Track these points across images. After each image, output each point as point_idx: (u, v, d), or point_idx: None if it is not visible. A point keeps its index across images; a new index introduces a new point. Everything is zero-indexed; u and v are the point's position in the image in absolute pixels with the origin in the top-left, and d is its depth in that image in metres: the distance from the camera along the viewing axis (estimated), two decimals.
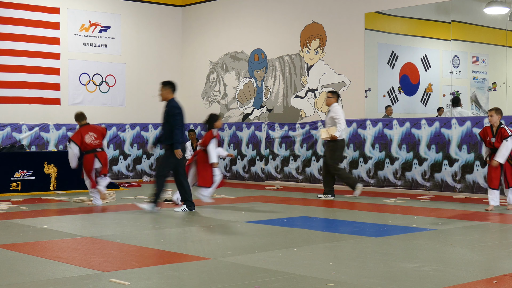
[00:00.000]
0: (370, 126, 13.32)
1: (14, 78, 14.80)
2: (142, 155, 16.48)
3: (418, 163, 12.57)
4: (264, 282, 5.14)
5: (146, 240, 7.25)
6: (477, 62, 13.65)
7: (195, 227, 8.27)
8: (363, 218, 9.03)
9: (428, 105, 13.71)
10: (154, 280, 5.26)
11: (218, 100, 16.76)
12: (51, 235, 7.62)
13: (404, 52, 13.90)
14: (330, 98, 11.89)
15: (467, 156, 11.96)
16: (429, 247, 6.80)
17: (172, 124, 9.71)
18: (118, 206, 10.73)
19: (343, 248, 6.71)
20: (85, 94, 15.87)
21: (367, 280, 5.22)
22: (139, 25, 16.90)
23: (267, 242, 7.09)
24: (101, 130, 11.13)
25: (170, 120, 9.76)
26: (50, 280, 5.25)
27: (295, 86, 14.97)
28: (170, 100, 9.94)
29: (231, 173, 16.04)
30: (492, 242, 7.27)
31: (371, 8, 13.63)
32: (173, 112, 9.78)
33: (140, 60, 16.88)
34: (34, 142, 14.77)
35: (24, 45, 14.92)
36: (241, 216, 9.25)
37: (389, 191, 12.84)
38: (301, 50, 14.85)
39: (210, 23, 16.97)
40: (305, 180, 14.45)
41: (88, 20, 15.96)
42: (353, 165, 13.57)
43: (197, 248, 6.70)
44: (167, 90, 10.01)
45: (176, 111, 9.80)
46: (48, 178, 12.91)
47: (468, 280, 5.22)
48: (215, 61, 16.83)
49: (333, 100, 11.86)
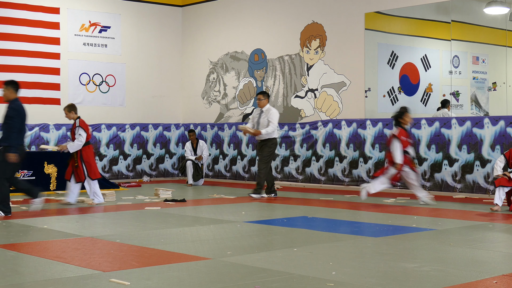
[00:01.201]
0: (370, 126, 13.32)
1: (14, 78, 14.74)
2: (142, 155, 16.48)
3: (418, 163, 12.57)
4: (264, 282, 5.13)
5: (146, 240, 7.25)
6: (477, 62, 13.65)
7: (195, 227, 8.27)
8: (363, 218, 9.03)
9: (428, 105, 13.71)
10: (154, 280, 5.26)
11: (218, 100, 16.76)
12: (51, 235, 7.62)
13: (404, 52, 13.90)
14: (262, 100, 11.96)
15: (467, 156, 11.96)
16: (429, 247, 6.80)
17: (10, 126, 9.36)
18: (118, 206, 10.73)
19: (343, 248, 6.71)
20: (85, 94, 15.87)
21: (367, 280, 5.22)
22: (139, 25, 16.90)
23: (267, 242, 7.09)
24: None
25: (8, 122, 9.42)
26: (50, 280, 5.25)
27: (295, 86, 14.97)
28: (12, 101, 9.54)
29: (231, 173, 16.04)
30: (492, 242, 7.27)
31: (371, 8, 13.63)
32: (11, 114, 9.40)
33: (140, 60, 16.88)
34: (34, 142, 14.77)
35: (24, 45, 14.92)
36: (241, 216, 9.25)
37: (389, 191, 12.84)
38: (301, 50, 14.85)
39: (210, 23, 16.97)
40: (305, 180, 14.45)
41: (88, 20, 15.96)
42: (353, 165, 13.57)
43: (197, 248, 6.70)
44: (9, 90, 9.57)
45: (15, 113, 9.42)
46: (48, 178, 12.92)
47: (468, 280, 5.22)
48: (215, 61, 16.82)
49: (265, 102, 11.97)
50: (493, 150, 11.64)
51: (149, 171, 16.58)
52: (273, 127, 11.77)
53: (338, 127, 13.86)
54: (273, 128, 11.79)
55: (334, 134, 13.93)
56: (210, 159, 16.52)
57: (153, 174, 16.66)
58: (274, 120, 11.83)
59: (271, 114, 11.87)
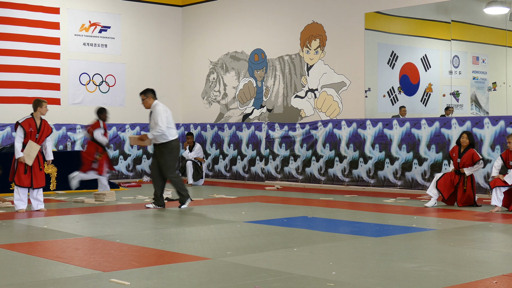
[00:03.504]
0: (370, 126, 13.32)
1: (14, 78, 14.80)
2: (142, 155, 16.48)
3: (418, 163, 12.57)
4: (264, 282, 5.13)
5: (146, 240, 7.25)
6: (477, 62, 13.65)
7: (195, 227, 8.27)
8: (363, 218, 9.03)
9: (428, 105, 13.71)
10: (154, 280, 5.26)
11: (218, 100, 16.76)
12: (51, 235, 7.62)
13: (404, 52, 13.90)
14: (145, 99, 10.34)
15: None
16: (429, 247, 6.80)
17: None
18: (118, 206, 10.73)
19: (343, 248, 6.71)
20: (85, 94, 15.87)
21: (367, 280, 5.22)
22: (139, 25, 16.90)
23: (267, 242, 7.09)
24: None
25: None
26: (50, 280, 5.24)
27: (295, 86, 14.97)
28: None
29: (231, 173, 16.04)
30: (492, 242, 7.27)
31: (371, 8, 13.63)
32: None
33: (140, 60, 16.88)
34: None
35: (24, 45, 14.92)
36: (241, 216, 9.25)
37: (389, 191, 12.84)
38: (301, 50, 14.85)
39: (210, 23, 16.97)
40: (305, 180, 14.45)
41: (88, 20, 15.96)
42: (353, 165, 13.57)
43: (197, 248, 6.70)
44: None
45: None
46: (48, 178, 12.90)
47: (468, 280, 5.22)
48: (215, 61, 16.83)
49: (150, 101, 10.33)
50: (493, 150, 11.64)
51: (149, 171, 16.57)
52: (159, 130, 10.08)
53: (338, 127, 13.87)
54: (160, 130, 10.09)
55: (334, 134, 13.93)
56: (210, 159, 16.52)
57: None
58: (159, 120, 10.10)
59: (155, 114, 10.18)
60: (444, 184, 10.28)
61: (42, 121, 10.01)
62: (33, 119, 9.88)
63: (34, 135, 9.85)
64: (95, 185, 12.98)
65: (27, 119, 9.84)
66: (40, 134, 9.92)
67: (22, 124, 9.78)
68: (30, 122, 9.83)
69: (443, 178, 10.30)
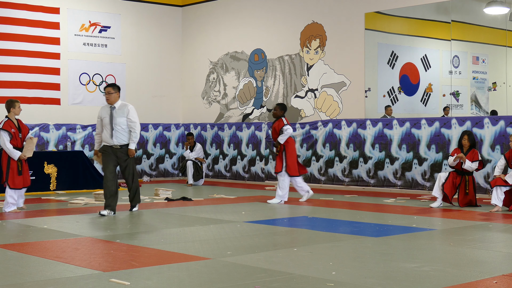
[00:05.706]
0: (370, 126, 13.32)
1: (14, 78, 14.80)
2: (142, 155, 16.48)
3: (418, 163, 12.57)
4: (264, 282, 5.13)
5: (146, 240, 7.25)
6: (477, 62, 13.65)
7: (195, 227, 8.27)
8: (363, 218, 9.03)
9: (428, 105, 13.72)
10: (154, 280, 5.26)
11: (218, 100, 16.76)
12: (51, 235, 7.61)
13: (404, 52, 13.90)
14: (113, 94, 9.71)
15: None
16: (429, 247, 6.80)
17: None
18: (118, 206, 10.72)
19: (343, 248, 6.71)
20: (85, 94, 15.86)
21: (367, 280, 5.22)
22: (139, 25, 16.90)
23: (267, 242, 7.08)
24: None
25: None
26: (50, 280, 5.24)
27: (295, 86, 14.97)
28: None
29: (231, 173, 16.04)
30: (492, 242, 7.27)
31: (371, 8, 13.63)
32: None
33: (140, 60, 16.88)
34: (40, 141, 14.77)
35: (24, 45, 14.92)
36: (241, 216, 9.25)
37: (389, 191, 12.84)
38: (301, 50, 14.85)
39: (210, 23, 16.97)
40: (305, 180, 14.40)
41: (88, 20, 15.96)
42: (353, 165, 13.57)
43: (197, 248, 6.70)
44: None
45: None
46: (48, 178, 12.91)
47: (468, 280, 5.22)
48: (215, 61, 16.82)
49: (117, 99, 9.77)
50: (493, 150, 11.64)
51: (149, 171, 16.58)
52: (138, 129, 9.66)
53: (338, 127, 13.87)
54: (138, 133, 9.68)
55: (334, 134, 13.93)
56: (210, 159, 16.52)
57: (153, 174, 16.67)
58: (137, 119, 9.70)
59: (132, 113, 9.66)
60: (450, 188, 10.27)
61: (18, 120, 10.03)
62: (10, 120, 9.88)
63: (18, 135, 9.88)
64: (95, 185, 12.99)
65: (6, 122, 9.83)
66: (22, 134, 9.96)
67: (4, 128, 9.77)
68: (10, 124, 9.85)
69: (448, 182, 10.29)
